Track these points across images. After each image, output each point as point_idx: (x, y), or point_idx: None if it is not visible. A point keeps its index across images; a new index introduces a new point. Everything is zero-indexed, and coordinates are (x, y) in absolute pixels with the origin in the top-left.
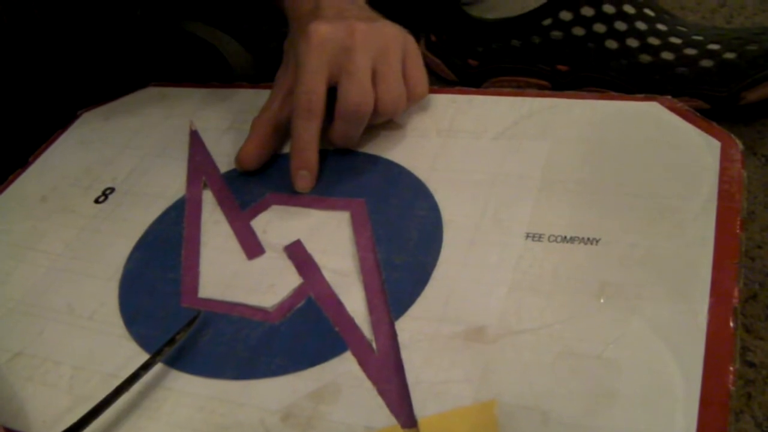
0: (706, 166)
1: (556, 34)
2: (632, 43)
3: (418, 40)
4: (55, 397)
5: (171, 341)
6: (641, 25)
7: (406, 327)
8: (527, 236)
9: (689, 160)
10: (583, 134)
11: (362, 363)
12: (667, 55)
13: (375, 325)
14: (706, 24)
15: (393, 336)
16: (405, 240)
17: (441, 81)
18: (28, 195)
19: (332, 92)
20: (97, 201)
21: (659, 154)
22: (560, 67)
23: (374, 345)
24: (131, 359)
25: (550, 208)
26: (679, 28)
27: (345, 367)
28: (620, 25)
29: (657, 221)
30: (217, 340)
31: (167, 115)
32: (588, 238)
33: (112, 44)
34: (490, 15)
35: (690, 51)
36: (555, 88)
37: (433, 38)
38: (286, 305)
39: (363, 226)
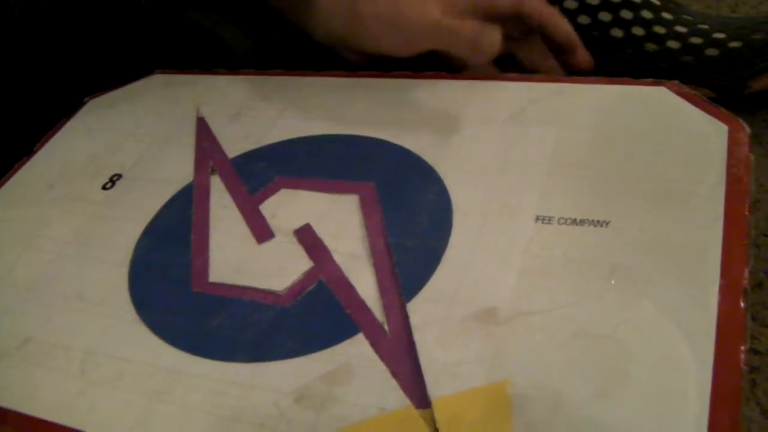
0: (713, 150)
1: None
2: (638, 31)
3: None
4: (66, 381)
5: None
6: (647, 14)
7: (417, 309)
8: (537, 219)
9: (697, 144)
10: (590, 119)
11: (375, 345)
12: (672, 44)
13: (386, 308)
14: (712, 13)
15: (405, 318)
16: (415, 224)
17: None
18: (35, 182)
19: None
20: (104, 187)
21: (667, 139)
22: None
23: (386, 327)
24: (143, 343)
25: (559, 192)
26: (685, 16)
27: (357, 349)
28: (626, 14)
29: (666, 205)
30: (228, 324)
31: (174, 102)
32: (597, 221)
33: (116, 32)
34: None
35: (695, 40)
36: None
37: None
38: (297, 288)
39: (372, 209)
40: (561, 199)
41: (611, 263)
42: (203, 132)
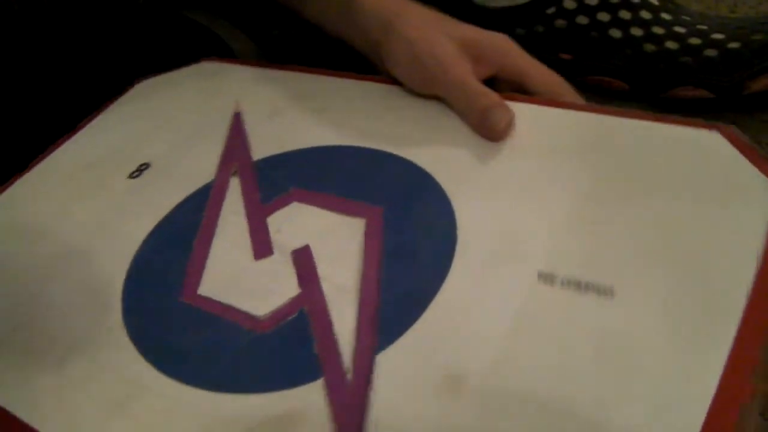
0: (756, 216)
1: (560, 22)
2: (636, 32)
3: None
4: (42, 376)
5: None
6: (645, 14)
7: (388, 360)
8: (540, 276)
9: (738, 205)
10: (624, 161)
11: (331, 395)
12: (671, 45)
13: (357, 354)
14: (711, 13)
15: (370, 370)
16: (413, 260)
17: None
18: (69, 163)
19: None
20: (131, 176)
21: (706, 195)
22: (563, 55)
23: (349, 376)
24: (117, 349)
25: (571, 242)
26: (684, 17)
27: (313, 397)
28: (624, 14)
29: (684, 276)
30: (202, 344)
31: (216, 92)
32: (603, 287)
33: (114, 32)
34: (494, 3)
35: (694, 40)
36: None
37: None
38: (277, 315)
39: (374, 238)
40: (570, 252)
41: (605, 344)
42: (236, 129)
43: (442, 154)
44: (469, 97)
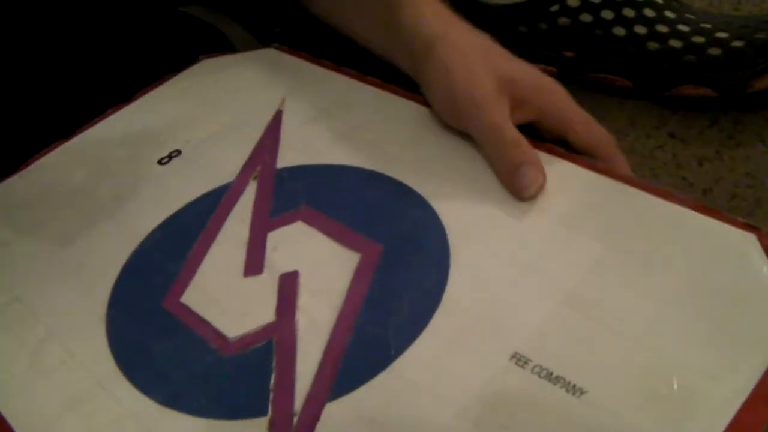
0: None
1: (564, 20)
2: (640, 30)
3: None
4: (17, 358)
5: None
6: (649, 12)
7: (333, 414)
8: (512, 357)
9: (753, 326)
10: (644, 246)
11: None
12: (674, 43)
13: (309, 398)
14: (714, 11)
15: (317, 419)
16: (394, 310)
17: None
18: (109, 136)
19: None
20: (160, 162)
21: (722, 307)
22: (567, 53)
23: (295, 420)
24: (92, 344)
25: (555, 330)
26: (688, 15)
27: None
28: (628, 12)
29: (664, 397)
30: (169, 354)
31: (269, 83)
32: (574, 386)
33: (114, 29)
34: (498, 1)
35: (698, 39)
36: (561, 74)
37: None
38: (245, 340)
39: (364, 277)
40: (552, 341)
41: None
42: (272, 129)
43: (460, 202)
44: (502, 148)
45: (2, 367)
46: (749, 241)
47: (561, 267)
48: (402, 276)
